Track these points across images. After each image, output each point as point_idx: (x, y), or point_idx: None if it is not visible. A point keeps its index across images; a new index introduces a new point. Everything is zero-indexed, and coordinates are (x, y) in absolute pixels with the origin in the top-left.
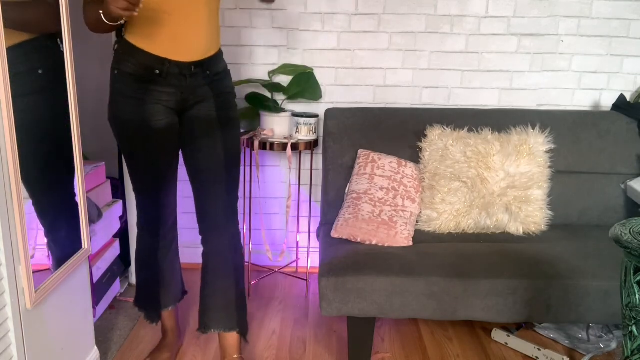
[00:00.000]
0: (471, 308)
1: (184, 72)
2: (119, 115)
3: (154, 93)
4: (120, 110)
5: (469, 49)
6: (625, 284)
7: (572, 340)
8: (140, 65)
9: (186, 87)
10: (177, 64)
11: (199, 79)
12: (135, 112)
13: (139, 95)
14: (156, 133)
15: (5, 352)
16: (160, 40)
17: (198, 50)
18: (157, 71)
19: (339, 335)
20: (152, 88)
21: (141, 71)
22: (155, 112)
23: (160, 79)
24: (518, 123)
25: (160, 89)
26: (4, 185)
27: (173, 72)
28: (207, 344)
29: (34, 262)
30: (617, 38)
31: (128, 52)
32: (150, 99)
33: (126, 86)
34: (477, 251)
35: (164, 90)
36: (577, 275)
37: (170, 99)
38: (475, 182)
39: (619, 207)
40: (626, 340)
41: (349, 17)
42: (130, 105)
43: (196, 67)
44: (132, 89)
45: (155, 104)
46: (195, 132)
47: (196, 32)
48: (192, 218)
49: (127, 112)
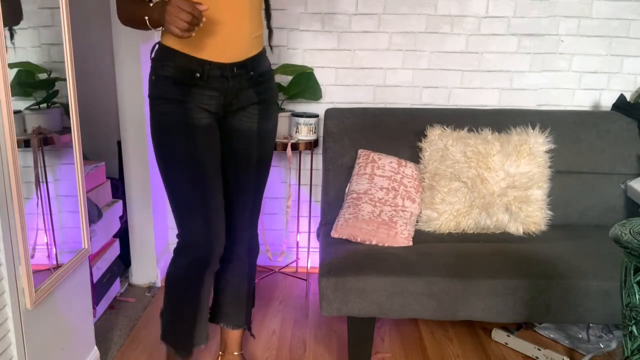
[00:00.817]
0: (471, 308)
1: (226, 74)
2: (160, 118)
3: (196, 95)
4: (161, 112)
5: (469, 49)
6: (625, 284)
7: (572, 340)
8: (180, 69)
9: (229, 90)
10: (218, 66)
11: (242, 80)
12: (176, 112)
13: (180, 97)
14: (200, 130)
15: (5, 352)
16: (200, 41)
17: (240, 50)
18: (197, 74)
19: (339, 335)
20: (194, 91)
21: (181, 75)
22: (198, 111)
23: (201, 82)
24: (518, 123)
25: (201, 91)
26: (4, 185)
27: (214, 75)
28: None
29: (34, 262)
30: (617, 38)
31: (166, 56)
32: (192, 100)
33: (166, 89)
34: (477, 251)
35: (206, 93)
36: (577, 275)
37: (212, 102)
38: (475, 182)
39: (619, 207)
40: (626, 340)
41: (349, 17)
42: (172, 106)
43: (239, 68)
44: (173, 92)
45: (197, 106)
46: (233, 143)
47: (237, 31)
48: None
49: (168, 112)
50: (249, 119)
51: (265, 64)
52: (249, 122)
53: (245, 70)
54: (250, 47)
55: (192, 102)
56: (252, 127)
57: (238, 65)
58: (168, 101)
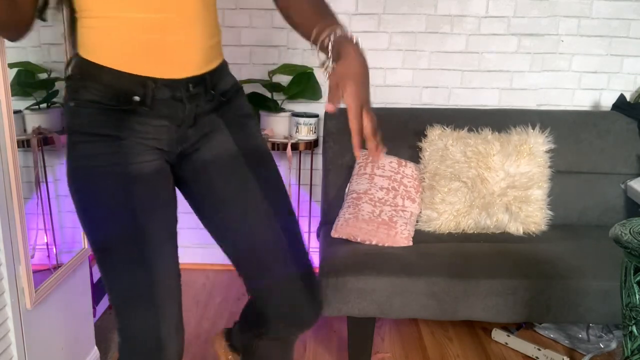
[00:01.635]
0: (471, 308)
1: (178, 94)
2: (81, 164)
3: (135, 129)
4: (83, 154)
5: (469, 49)
6: (625, 284)
7: (572, 340)
8: (110, 91)
9: (185, 117)
10: (166, 84)
11: (201, 102)
12: (105, 156)
13: (110, 131)
14: (141, 181)
15: (5, 352)
16: (137, 50)
17: (194, 61)
18: (136, 97)
19: (339, 335)
20: (132, 122)
21: (112, 99)
22: (139, 152)
23: (143, 109)
24: (518, 123)
25: (143, 122)
26: (3, 185)
27: (162, 97)
28: (206, 343)
29: (34, 262)
30: (617, 38)
31: (89, 74)
32: (130, 135)
33: (91, 121)
34: (477, 251)
35: (151, 124)
36: (577, 275)
37: (161, 136)
38: (475, 182)
39: (619, 207)
40: (626, 340)
41: (349, 17)
42: (99, 145)
43: (195, 86)
44: (101, 124)
45: (138, 143)
46: (216, 184)
47: (188, 34)
48: (193, 217)
49: (93, 155)
50: (222, 143)
51: (229, 79)
52: (224, 146)
53: (204, 89)
54: (207, 56)
55: (130, 138)
56: (230, 150)
57: (195, 81)
58: (93, 138)
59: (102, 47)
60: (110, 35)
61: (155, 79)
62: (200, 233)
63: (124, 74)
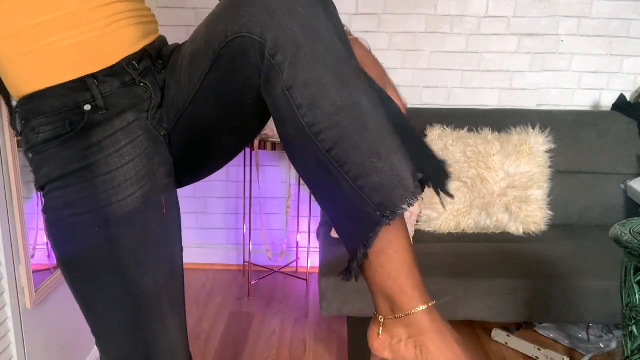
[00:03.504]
0: (471, 308)
1: (127, 78)
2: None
3: (102, 145)
4: (60, 204)
5: (469, 49)
6: (625, 284)
7: (572, 340)
8: (59, 117)
9: (148, 97)
10: (108, 74)
11: (156, 76)
12: (82, 196)
13: (80, 164)
14: (126, 220)
15: (5, 352)
16: (61, 55)
17: (131, 35)
18: (87, 107)
19: (339, 335)
20: (97, 139)
21: (64, 126)
22: (117, 181)
23: (99, 115)
24: (518, 123)
25: (108, 130)
26: (3, 185)
27: (111, 90)
28: (207, 344)
29: (34, 262)
30: (617, 38)
31: (31, 113)
32: (100, 155)
33: (54, 163)
34: (477, 251)
35: (115, 126)
36: (577, 275)
37: (138, 132)
38: (475, 182)
39: (619, 207)
40: (626, 340)
41: (349, 17)
42: (71, 188)
43: (140, 61)
44: (65, 161)
45: (116, 159)
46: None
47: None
48: (193, 217)
49: (70, 202)
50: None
51: (171, 46)
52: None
53: (150, 61)
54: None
55: (100, 160)
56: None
57: (136, 57)
58: (64, 180)
59: (29, 73)
60: (28, 56)
61: (94, 74)
62: (200, 233)
63: (62, 87)
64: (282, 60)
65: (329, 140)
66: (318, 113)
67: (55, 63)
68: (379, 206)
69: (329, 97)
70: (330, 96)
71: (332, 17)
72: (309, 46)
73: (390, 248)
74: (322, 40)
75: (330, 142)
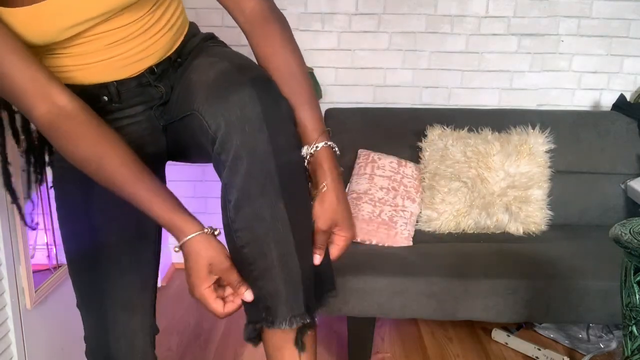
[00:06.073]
0: (471, 308)
1: (144, 80)
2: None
3: (110, 122)
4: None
5: (469, 49)
6: (625, 284)
7: (572, 340)
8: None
9: (159, 97)
10: (128, 79)
11: (171, 75)
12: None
13: None
14: None
15: (5, 352)
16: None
17: (152, 57)
18: (105, 98)
19: (339, 335)
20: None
21: None
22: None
23: (112, 106)
24: (518, 123)
25: (118, 114)
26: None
27: (128, 88)
28: (207, 344)
29: (34, 262)
30: (617, 38)
31: None
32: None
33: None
34: (477, 251)
35: (125, 113)
36: (577, 275)
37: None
38: (475, 182)
39: (619, 207)
40: (626, 340)
41: (349, 17)
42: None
43: (159, 66)
44: None
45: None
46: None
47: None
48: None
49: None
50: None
51: (197, 38)
52: None
53: (169, 63)
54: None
55: None
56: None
57: (157, 65)
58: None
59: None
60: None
61: (117, 80)
62: None
63: (86, 86)
64: (224, 160)
65: (244, 238)
66: (240, 215)
67: (84, 76)
68: (267, 310)
69: (252, 205)
70: (254, 205)
71: (277, 137)
72: (246, 159)
73: (270, 347)
74: (258, 157)
75: (243, 241)
